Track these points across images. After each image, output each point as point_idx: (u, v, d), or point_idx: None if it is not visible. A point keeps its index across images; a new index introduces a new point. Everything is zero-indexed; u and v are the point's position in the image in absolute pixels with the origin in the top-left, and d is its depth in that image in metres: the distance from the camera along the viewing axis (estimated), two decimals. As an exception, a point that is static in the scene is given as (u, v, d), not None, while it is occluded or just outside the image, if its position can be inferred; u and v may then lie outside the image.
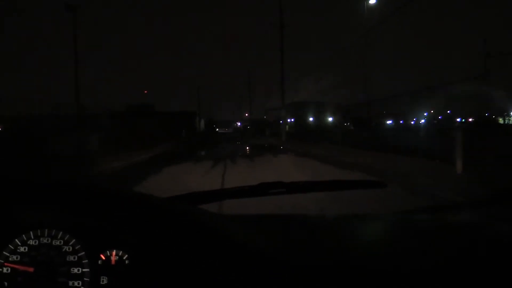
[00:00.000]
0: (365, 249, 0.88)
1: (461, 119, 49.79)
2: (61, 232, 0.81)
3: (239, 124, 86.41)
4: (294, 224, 1.13)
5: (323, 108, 59.77)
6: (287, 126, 69.12)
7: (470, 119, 49.73)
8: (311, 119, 62.85)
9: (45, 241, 0.82)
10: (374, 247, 0.90)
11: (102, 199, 0.76)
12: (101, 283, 0.79)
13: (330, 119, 64.09)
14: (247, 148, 19.54)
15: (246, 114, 72.18)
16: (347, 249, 0.86)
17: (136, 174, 9.64)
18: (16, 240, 0.80)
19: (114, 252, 0.80)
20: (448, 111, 58.32)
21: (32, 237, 0.82)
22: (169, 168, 10.34)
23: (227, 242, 0.72)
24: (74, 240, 0.81)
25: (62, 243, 0.81)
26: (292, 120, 67.80)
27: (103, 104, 38.26)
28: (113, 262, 0.80)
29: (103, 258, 0.80)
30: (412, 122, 61.52)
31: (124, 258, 0.80)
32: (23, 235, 0.81)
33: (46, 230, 0.82)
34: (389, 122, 59.22)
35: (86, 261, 0.80)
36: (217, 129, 79.26)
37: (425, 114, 62.37)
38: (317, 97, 62.76)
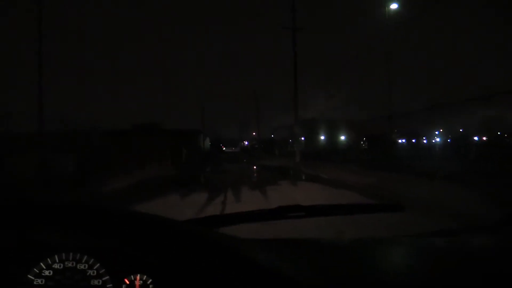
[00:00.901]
0: (384, 272, 0.89)
1: (477, 138, 47.94)
2: (85, 256, 0.82)
3: (246, 143, 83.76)
4: (313, 247, 1.13)
5: (335, 126, 56.93)
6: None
7: (484, 138, 47.83)
8: (322, 137, 59.98)
9: (70, 265, 0.82)
10: (392, 270, 0.92)
11: (126, 222, 0.77)
12: None
13: (343, 137, 61.16)
14: (256, 171, 16.45)
15: (254, 133, 69.62)
16: (366, 272, 0.87)
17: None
18: (41, 263, 0.81)
19: (138, 277, 0.81)
20: (461, 129, 55.97)
21: (57, 261, 0.82)
22: (147, 203, 7.31)
23: (248, 265, 0.72)
24: (98, 264, 0.82)
25: (86, 267, 0.82)
26: (303, 138, 65.02)
27: (111, 122, 36.51)
28: (137, 287, 0.81)
29: (127, 282, 0.81)
30: (424, 141, 58.73)
31: (148, 282, 0.80)
32: (48, 259, 0.82)
33: (71, 253, 0.82)
34: (402, 140, 56.57)
35: (110, 285, 0.81)
36: (224, 148, 77.20)
37: (436, 132, 59.51)
38: (328, 115, 59.77)
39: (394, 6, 19.44)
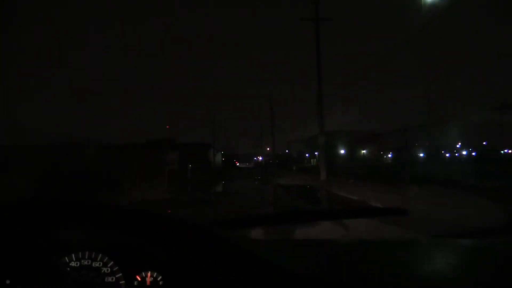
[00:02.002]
0: (394, 273, 0.88)
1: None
2: (100, 254, 0.85)
3: (260, 158, 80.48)
4: (323, 248, 1.14)
5: (355, 138, 53.18)
6: (313, 160, 62.37)
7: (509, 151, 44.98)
8: (342, 151, 56.16)
9: (85, 263, 0.85)
10: (402, 270, 0.91)
11: (141, 221, 0.77)
12: None
13: (364, 151, 57.27)
14: (274, 194, 12.37)
15: (268, 149, 66.42)
16: (376, 271, 0.88)
17: None
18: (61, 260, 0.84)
19: (149, 274, 0.84)
20: (484, 142, 52.57)
21: (74, 259, 0.85)
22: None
23: (262, 264, 0.72)
24: (112, 262, 0.85)
25: (101, 264, 0.85)
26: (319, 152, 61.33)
27: (127, 139, 34.46)
28: (148, 283, 0.84)
29: (139, 279, 0.84)
30: (447, 154, 54.81)
31: (159, 279, 0.84)
32: (66, 257, 0.85)
33: (87, 252, 0.85)
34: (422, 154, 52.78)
35: (123, 282, 0.84)
36: (238, 164, 74.41)
37: (458, 145, 55.39)
38: (346, 127, 55.96)
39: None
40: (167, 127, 76.12)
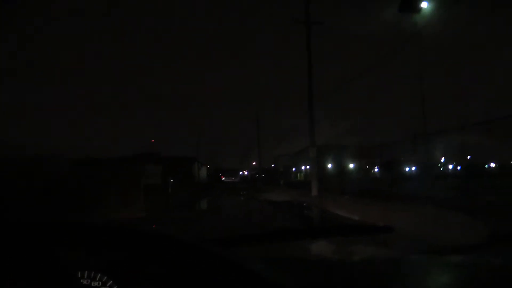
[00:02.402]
0: None
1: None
2: (99, 274, 0.84)
3: (246, 173, 79.19)
4: (313, 266, 1.16)
5: (344, 152, 52.11)
6: (300, 174, 61.15)
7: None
8: (330, 165, 55.09)
9: (85, 282, 0.85)
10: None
11: (139, 239, 0.78)
12: None
13: (351, 165, 56.33)
14: (263, 213, 11.03)
15: (253, 163, 65.01)
16: None
17: None
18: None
19: None
20: (468, 157, 52.65)
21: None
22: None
23: (261, 281, 0.73)
24: (111, 281, 0.84)
25: (100, 284, 0.84)
26: (307, 167, 60.16)
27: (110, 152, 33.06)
28: None
29: None
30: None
31: None
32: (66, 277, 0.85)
33: (86, 272, 0.84)
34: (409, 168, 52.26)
35: None
36: (223, 178, 73.23)
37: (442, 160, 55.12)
38: (334, 140, 55.09)
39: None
40: (152, 141, 74.11)
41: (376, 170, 54.79)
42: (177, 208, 13.49)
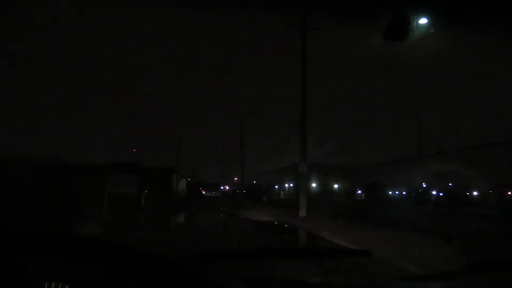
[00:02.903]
0: None
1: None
2: (67, 286, 0.80)
3: (227, 188, 77.45)
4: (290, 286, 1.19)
5: (329, 172, 51.00)
6: (284, 192, 59.59)
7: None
8: (314, 184, 53.80)
9: None
10: None
11: (111, 252, 0.76)
12: None
13: (336, 185, 55.17)
14: (245, 236, 9.36)
15: (235, 178, 63.25)
16: None
17: None
18: None
19: None
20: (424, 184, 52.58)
21: None
22: None
23: None
24: None
25: None
26: (291, 185, 58.69)
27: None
28: None
29: None
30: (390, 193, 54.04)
31: None
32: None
33: (53, 283, 0.80)
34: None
35: None
36: (204, 192, 71.54)
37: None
38: (319, 159, 53.89)
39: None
40: (134, 150, 70.93)
41: (359, 192, 53.85)
42: (146, 224, 11.78)
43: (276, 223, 11.23)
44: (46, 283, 0.79)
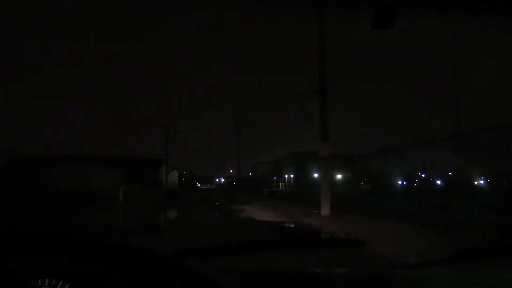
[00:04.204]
0: None
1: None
2: (61, 282, 0.79)
3: (223, 180, 74.56)
4: (286, 278, 1.14)
5: (331, 161, 47.43)
6: (283, 184, 56.05)
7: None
8: (316, 175, 50.30)
9: None
10: None
11: (103, 248, 0.76)
12: None
13: (339, 175, 51.71)
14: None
15: (231, 171, 59.97)
16: None
17: None
18: None
19: None
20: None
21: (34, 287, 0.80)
22: None
23: None
24: None
25: None
26: (292, 175, 55.22)
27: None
28: None
29: None
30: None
31: None
32: (23, 286, 0.80)
33: (47, 279, 0.79)
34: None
35: None
36: (198, 185, 69.31)
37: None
38: (316, 148, 50.31)
39: None
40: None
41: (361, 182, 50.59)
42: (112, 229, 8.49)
43: (292, 225, 7.71)
44: (47, 279, 0.77)
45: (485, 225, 8.36)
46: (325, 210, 9.69)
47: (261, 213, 12.63)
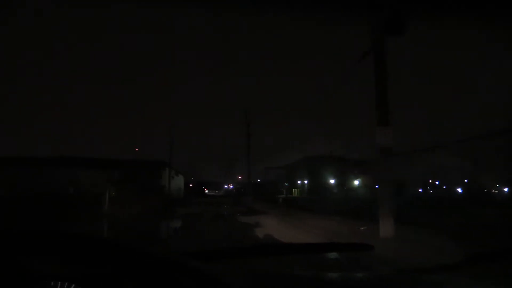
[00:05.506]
0: None
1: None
2: (73, 285, 0.79)
3: (231, 186, 71.63)
4: (299, 282, 1.10)
5: (346, 165, 43.57)
6: (296, 190, 52.48)
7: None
8: (332, 181, 46.79)
9: None
10: None
11: (114, 252, 0.76)
12: None
13: (356, 181, 48.17)
14: None
15: (239, 177, 56.74)
16: None
17: None
18: None
19: None
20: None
21: None
22: None
23: None
24: None
25: None
26: (305, 182, 51.74)
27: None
28: None
29: None
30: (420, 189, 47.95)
31: None
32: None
33: (59, 282, 0.79)
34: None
35: None
36: (206, 191, 66.80)
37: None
38: (334, 152, 46.62)
39: None
40: (136, 149, 63.38)
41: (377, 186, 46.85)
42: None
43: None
44: (52, 282, 0.77)
45: None
46: (386, 228, 6.34)
47: (285, 230, 9.35)
